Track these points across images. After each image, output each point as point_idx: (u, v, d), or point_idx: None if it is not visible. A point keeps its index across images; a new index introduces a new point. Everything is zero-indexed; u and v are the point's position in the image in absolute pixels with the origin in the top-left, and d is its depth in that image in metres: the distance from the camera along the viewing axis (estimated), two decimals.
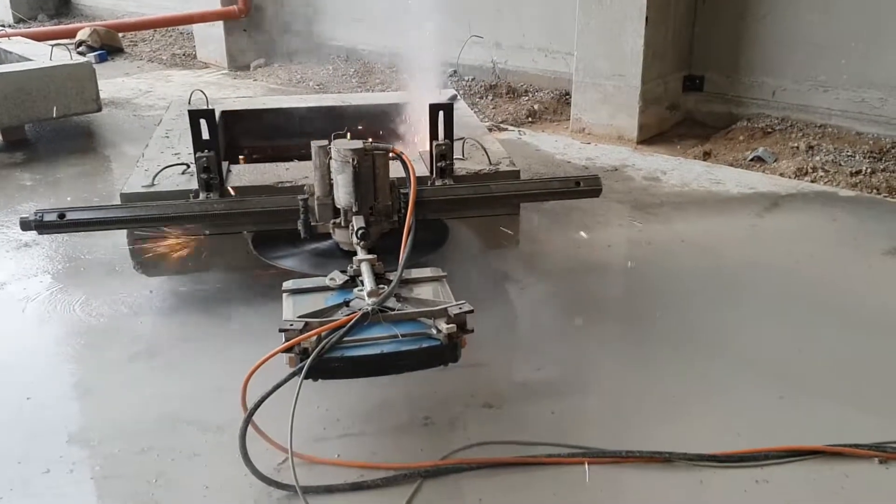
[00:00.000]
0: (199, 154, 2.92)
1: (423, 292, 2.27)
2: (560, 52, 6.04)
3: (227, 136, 3.99)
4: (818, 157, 4.62)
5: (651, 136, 5.26)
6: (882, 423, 2.27)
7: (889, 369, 2.59)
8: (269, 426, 2.03)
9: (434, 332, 2.06)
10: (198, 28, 7.95)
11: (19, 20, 9.98)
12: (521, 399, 2.42)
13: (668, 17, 5.12)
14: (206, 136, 2.94)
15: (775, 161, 4.70)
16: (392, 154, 2.63)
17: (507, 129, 5.48)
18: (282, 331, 2.00)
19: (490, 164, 3.24)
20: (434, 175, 3.09)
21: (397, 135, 3.82)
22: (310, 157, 2.68)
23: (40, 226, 2.73)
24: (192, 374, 2.58)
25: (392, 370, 2.08)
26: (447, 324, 2.04)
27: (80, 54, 7.01)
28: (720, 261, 3.40)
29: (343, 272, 2.33)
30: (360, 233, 2.49)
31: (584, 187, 3.08)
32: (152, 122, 5.05)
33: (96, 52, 7.78)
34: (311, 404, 2.30)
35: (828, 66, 4.96)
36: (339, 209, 2.65)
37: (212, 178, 2.94)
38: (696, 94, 5.57)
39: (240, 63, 7.64)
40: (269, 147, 4.07)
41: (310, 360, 1.93)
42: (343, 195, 2.60)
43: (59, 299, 3.07)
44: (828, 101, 5.02)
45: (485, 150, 3.32)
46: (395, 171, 2.70)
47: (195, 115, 2.92)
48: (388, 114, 3.89)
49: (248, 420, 1.94)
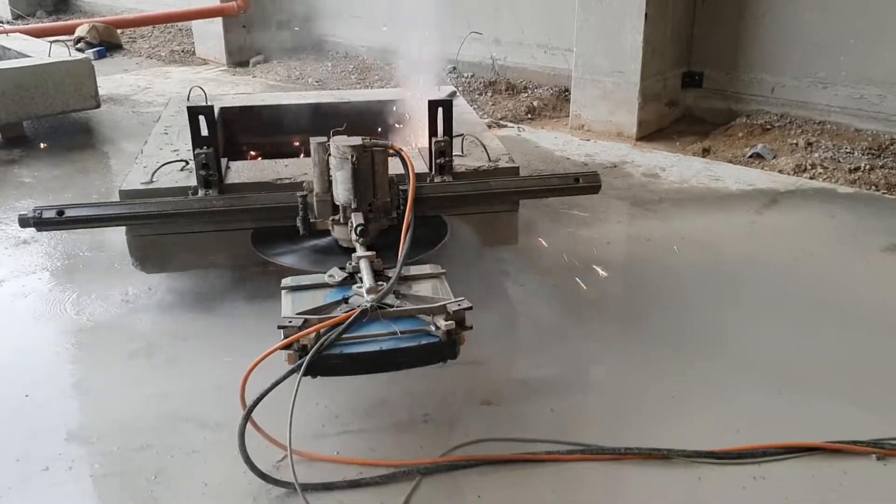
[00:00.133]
0: (197, 151, 2.91)
1: (422, 289, 2.27)
2: (559, 48, 6.03)
3: (226, 133, 3.98)
4: (817, 154, 4.62)
5: (650, 133, 5.26)
6: (880, 419, 2.28)
7: (887, 366, 2.60)
8: (268, 423, 2.03)
9: (433, 328, 2.06)
10: (196, 24, 7.95)
11: (18, 16, 9.96)
12: (521, 396, 2.42)
13: (668, 13, 5.11)
14: (204, 132, 2.92)
15: (774, 158, 4.70)
16: (391, 150, 2.63)
17: (506, 126, 5.47)
18: (280, 328, 2.00)
19: (489, 160, 3.23)
20: (433, 172, 3.08)
21: (396, 131, 3.81)
22: (309, 154, 2.68)
23: (39, 223, 2.72)
24: (191, 372, 2.58)
25: (391, 367, 2.08)
26: (446, 321, 2.04)
27: (79, 51, 6.99)
28: (719, 258, 3.40)
29: (342, 269, 2.33)
30: (359, 229, 2.49)
31: (584, 184, 3.07)
32: (151, 118, 5.05)
33: (95, 49, 7.77)
34: (310, 401, 2.31)
35: (827, 63, 4.96)
36: (338, 206, 2.65)
37: (211, 174, 2.93)
38: (695, 90, 5.56)
39: (238, 60, 7.64)
40: (268, 144, 4.06)
41: (308, 357, 1.93)
42: (342, 192, 2.60)
43: (58, 297, 3.07)
44: (827, 98, 5.02)
45: (484, 146, 3.31)
46: (395, 167, 2.70)
47: (194, 112, 2.91)
48: (388, 110, 3.88)
49: (247, 417, 1.95)
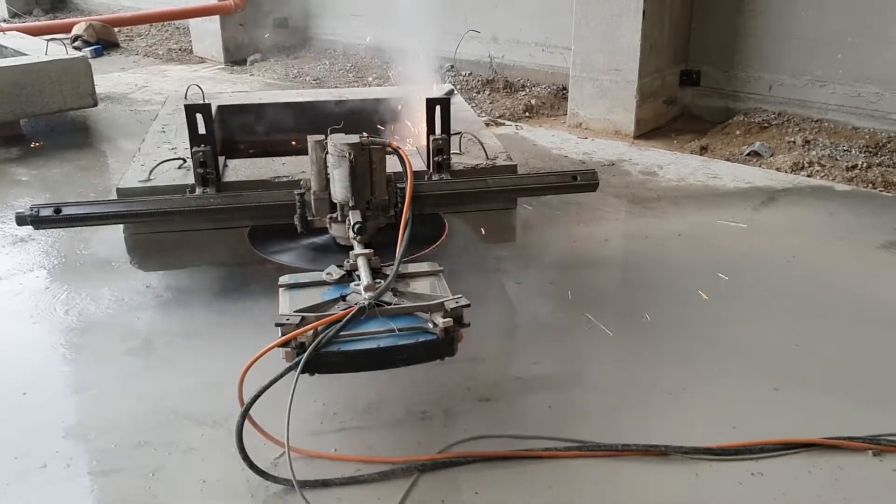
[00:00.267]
0: (195, 149, 2.91)
1: (420, 287, 2.27)
2: (557, 46, 6.03)
3: (224, 131, 3.98)
4: (814, 152, 4.63)
5: (648, 131, 5.27)
6: (876, 415, 2.28)
7: (884, 363, 2.61)
8: (266, 421, 2.03)
9: (431, 326, 2.07)
10: (194, 23, 7.94)
11: (14, 14, 9.95)
12: (518, 393, 2.43)
13: (665, 11, 5.12)
14: (202, 130, 2.93)
15: (772, 155, 4.71)
16: (389, 148, 2.63)
17: (504, 124, 5.48)
18: (278, 325, 2.00)
19: (487, 158, 3.24)
20: (431, 170, 3.08)
21: (394, 129, 3.81)
22: (306, 152, 2.68)
23: (36, 221, 2.72)
24: (189, 370, 2.58)
25: (389, 364, 2.08)
26: (444, 318, 2.04)
27: (76, 49, 6.99)
28: (717, 255, 3.41)
29: (340, 267, 2.33)
30: (357, 227, 2.49)
31: (581, 182, 3.07)
32: (148, 116, 5.05)
33: (92, 47, 7.76)
34: (308, 399, 2.31)
35: (824, 61, 4.97)
36: (335, 204, 2.65)
37: (208, 172, 2.93)
38: (692, 88, 5.57)
39: (236, 58, 7.63)
40: (266, 142, 4.06)
41: (306, 355, 1.93)
42: (340, 190, 2.60)
43: (55, 295, 3.07)
44: (824, 96, 5.02)
45: (482, 144, 3.31)
46: (393, 165, 2.70)
47: (191, 110, 2.91)
48: (385, 109, 3.88)
49: (245, 414, 1.95)
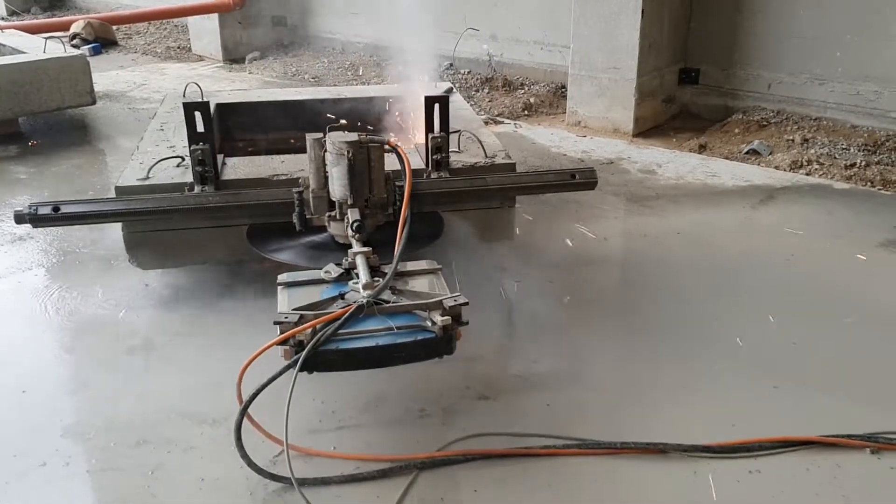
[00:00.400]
0: (194, 147, 2.91)
1: (419, 285, 2.28)
2: (556, 44, 6.03)
3: (222, 129, 3.98)
4: (813, 150, 4.63)
5: (647, 129, 5.26)
6: (875, 413, 2.29)
7: (882, 361, 2.61)
8: (264, 419, 2.03)
9: (429, 324, 2.07)
10: (192, 21, 7.93)
11: (13, 12, 9.93)
12: (517, 391, 2.43)
13: (664, 9, 5.11)
14: (200, 128, 2.93)
15: (770, 154, 4.71)
16: (387, 146, 2.63)
17: (503, 122, 5.48)
18: (277, 323, 2.00)
19: (486, 156, 3.24)
20: (430, 168, 3.08)
21: (393, 127, 3.81)
22: (305, 150, 2.68)
23: (35, 219, 2.71)
24: (188, 368, 2.58)
25: (387, 362, 2.09)
26: (442, 316, 2.04)
27: (74, 47, 6.97)
28: (715, 253, 3.41)
29: (338, 265, 2.33)
30: (356, 225, 2.49)
31: (580, 180, 3.07)
32: (147, 115, 5.04)
33: (90, 45, 7.75)
34: (307, 397, 2.31)
35: (823, 60, 4.96)
36: (334, 202, 2.65)
37: (207, 170, 2.93)
38: (691, 86, 5.56)
39: (235, 56, 7.63)
40: (265, 140, 4.05)
41: (305, 353, 1.93)
42: (338, 188, 2.60)
43: (54, 293, 3.07)
44: (823, 94, 5.02)
45: (480, 142, 3.31)
46: (391, 163, 2.70)
47: (190, 108, 2.91)
48: (384, 107, 3.88)
49: (244, 412, 1.95)
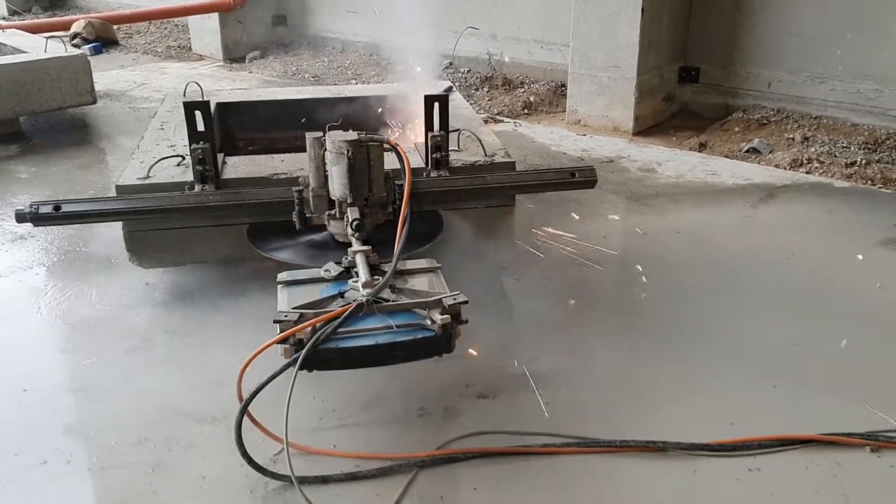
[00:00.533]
0: (194, 146, 2.92)
1: (418, 283, 2.28)
2: (556, 43, 6.03)
3: (223, 128, 3.99)
4: (813, 149, 4.63)
5: (647, 128, 5.26)
6: (874, 411, 2.28)
7: (882, 359, 2.61)
8: (264, 417, 2.03)
9: (429, 322, 2.07)
10: (193, 20, 7.93)
11: (14, 12, 9.93)
12: (516, 389, 2.43)
13: (664, 8, 5.11)
14: (201, 127, 2.94)
15: (770, 152, 4.71)
16: (387, 145, 2.63)
17: (502, 121, 5.47)
18: (276, 322, 2.01)
19: (485, 155, 3.25)
20: (429, 166, 3.09)
21: (393, 126, 3.82)
22: (305, 149, 2.68)
23: (36, 218, 2.73)
24: (188, 366, 2.58)
25: (387, 361, 2.09)
26: (442, 314, 2.05)
27: (75, 46, 6.98)
28: (715, 252, 3.41)
29: (338, 263, 2.34)
30: (355, 224, 2.50)
31: (580, 178, 3.08)
32: (147, 114, 5.05)
33: (91, 45, 7.74)
34: (307, 395, 2.31)
35: (823, 58, 4.96)
36: (333, 201, 2.66)
37: (207, 169, 2.94)
38: (691, 85, 5.56)
39: (235, 55, 7.63)
40: (265, 139, 4.06)
41: (304, 351, 1.93)
42: (338, 186, 2.61)
43: (55, 292, 3.07)
44: (823, 93, 5.02)
45: (480, 141, 3.32)
46: (391, 162, 2.70)
47: (190, 107, 2.92)
48: (384, 106, 3.89)
49: (244, 411, 1.95)
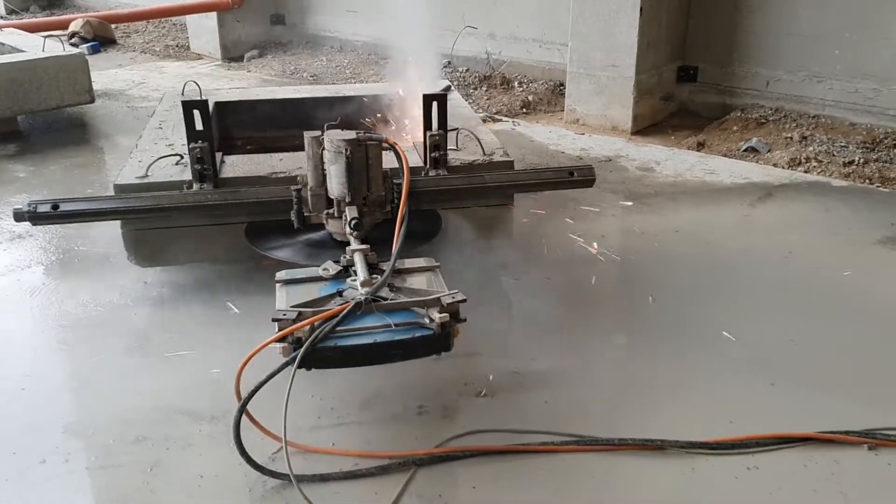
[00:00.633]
0: (192, 145, 2.92)
1: (417, 282, 2.28)
2: (554, 42, 6.03)
3: (221, 127, 3.99)
4: (811, 148, 4.63)
5: (645, 127, 5.27)
6: (872, 410, 2.29)
7: (880, 358, 2.61)
8: (263, 416, 2.04)
9: (427, 321, 2.07)
10: (191, 19, 7.93)
11: (11, 11, 9.92)
12: (515, 388, 2.43)
13: (662, 7, 5.11)
14: (199, 126, 2.93)
15: (769, 151, 4.71)
16: (385, 144, 2.64)
17: (501, 120, 5.48)
18: (275, 320, 2.01)
19: (484, 154, 3.25)
20: (428, 165, 3.09)
21: (391, 125, 3.82)
22: (303, 148, 2.68)
23: (34, 217, 2.72)
24: (186, 365, 2.58)
25: (385, 359, 2.09)
26: (440, 313, 2.05)
27: (73, 45, 6.98)
28: (713, 251, 3.41)
29: (336, 262, 2.34)
30: (354, 223, 2.50)
31: (578, 177, 3.09)
32: (146, 113, 5.04)
33: (89, 44, 7.74)
34: (306, 394, 2.31)
35: (821, 57, 4.97)
36: (332, 199, 2.66)
37: (205, 168, 2.94)
38: (690, 84, 5.57)
39: (233, 54, 7.62)
40: (263, 138, 4.06)
41: (303, 350, 1.93)
42: (336, 185, 2.61)
43: (53, 291, 3.07)
44: (821, 92, 5.03)
45: (479, 140, 3.32)
46: (389, 161, 2.70)
47: (189, 106, 2.92)
48: (382, 105, 3.89)
49: (242, 409, 1.95)
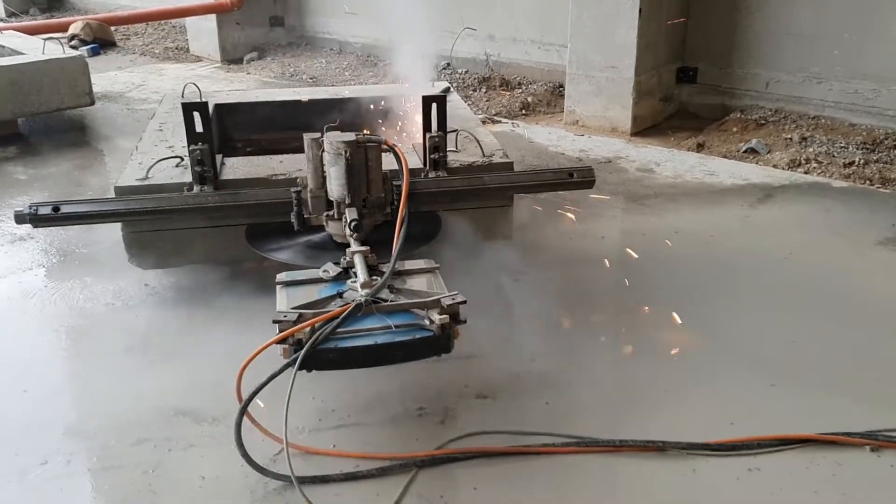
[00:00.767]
0: (192, 147, 2.92)
1: (416, 283, 2.28)
2: (554, 44, 6.04)
3: (221, 129, 3.99)
4: (811, 149, 4.63)
5: (645, 128, 5.27)
6: (873, 411, 2.29)
7: (881, 358, 2.61)
8: (264, 417, 2.04)
9: (427, 322, 2.07)
10: (190, 21, 7.93)
11: (11, 14, 9.93)
12: (515, 389, 2.43)
13: (661, 8, 5.12)
14: (199, 128, 2.93)
15: (769, 152, 4.71)
16: (385, 146, 2.64)
17: (500, 122, 5.48)
18: (275, 322, 2.01)
19: (483, 155, 3.25)
20: (427, 167, 3.09)
21: (391, 127, 3.82)
22: (303, 150, 2.68)
23: (35, 219, 2.72)
24: (187, 367, 2.58)
25: (385, 361, 2.09)
26: (440, 314, 2.05)
27: (73, 48, 6.98)
28: (714, 251, 3.41)
29: (336, 264, 2.34)
30: (353, 225, 2.50)
31: (578, 178, 3.08)
32: (146, 115, 5.04)
33: (89, 46, 7.75)
34: (307, 395, 2.32)
35: (821, 58, 4.97)
36: (332, 201, 2.66)
37: (206, 170, 2.94)
38: (689, 85, 5.57)
39: (233, 56, 7.63)
40: (263, 140, 4.06)
41: (304, 351, 1.94)
42: (336, 187, 2.61)
43: (54, 293, 3.08)
44: (821, 93, 5.03)
45: (478, 142, 3.32)
46: (389, 163, 2.70)
47: (189, 108, 2.92)
48: (382, 106, 3.89)
49: (244, 411, 1.95)
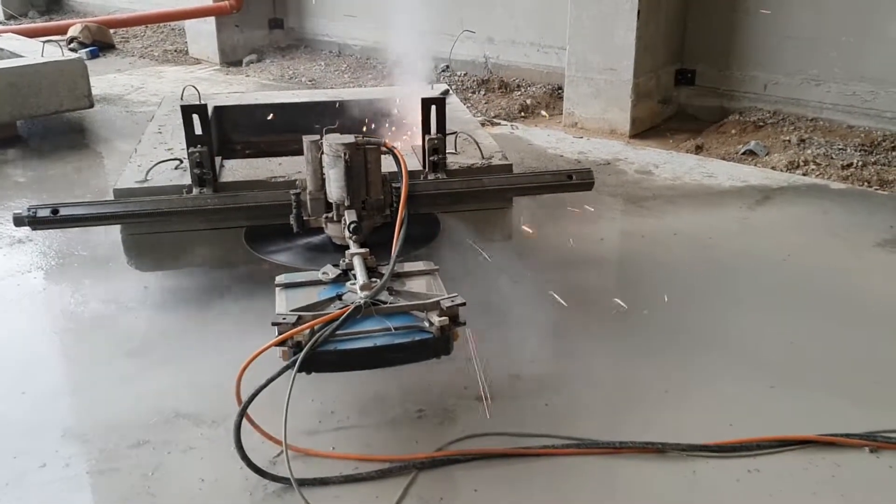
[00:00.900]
0: (191, 149, 2.92)
1: (416, 285, 2.28)
2: (552, 46, 6.04)
3: (220, 132, 3.99)
4: (810, 151, 4.64)
5: (643, 130, 5.28)
6: (873, 412, 2.29)
7: (880, 360, 2.61)
8: (263, 419, 2.03)
9: (426, 324, 2.07)
10: (189, 24, 7.94)
11: (10, 16, 9.93)
12: (515, 391, 2.43)
13: (660, 10, 5.13)
14: (198, 131, 2.93)
15: (767, 154, 4.72)
16: (384, 148, 2.64)
17: (499, 124, 5.48)
18: (275, 324, 2.01)
19: (482, 158, 3.25)
20: (426, 169, 3.09)
21: (390, 129, 3.82)
22: (302, 152, 2.69)
23: (34, 221, 2.72)
24: (187, 369, 2.58)
25: (385, 363, 2.09)
26: (439, 316, 2.05)
27: (72, 51, 6.97)
28: (713, 253, 3.42)
29: (335, 266, 2.34)
30: (353, 227, 2.50)
31: (577, 181, 3.08)
32: (145, 117, 5.04)
33: (88, 49, 7.75)
34: (306, 397, 2.32)
35: (819, 60, 4.98)
36: (331, 203, 2.66)
37: (205, 173, 2.94)
38: (688, 87, 5.58)
39: (232, 59, 7.63)
40: (262, 142, 4.06)
41: (303, 354, 1.93)
42: (335, 189, 2.61)
43: (53, 295, 3.08)
44: (819, 95, 5.04)
45: (477, 144, 3.32)
46: (388, 165, 2.70)
47: (188, 111, 2.92)
48: (381, 109, 3.89)
49: (243, 413, 1.95)
